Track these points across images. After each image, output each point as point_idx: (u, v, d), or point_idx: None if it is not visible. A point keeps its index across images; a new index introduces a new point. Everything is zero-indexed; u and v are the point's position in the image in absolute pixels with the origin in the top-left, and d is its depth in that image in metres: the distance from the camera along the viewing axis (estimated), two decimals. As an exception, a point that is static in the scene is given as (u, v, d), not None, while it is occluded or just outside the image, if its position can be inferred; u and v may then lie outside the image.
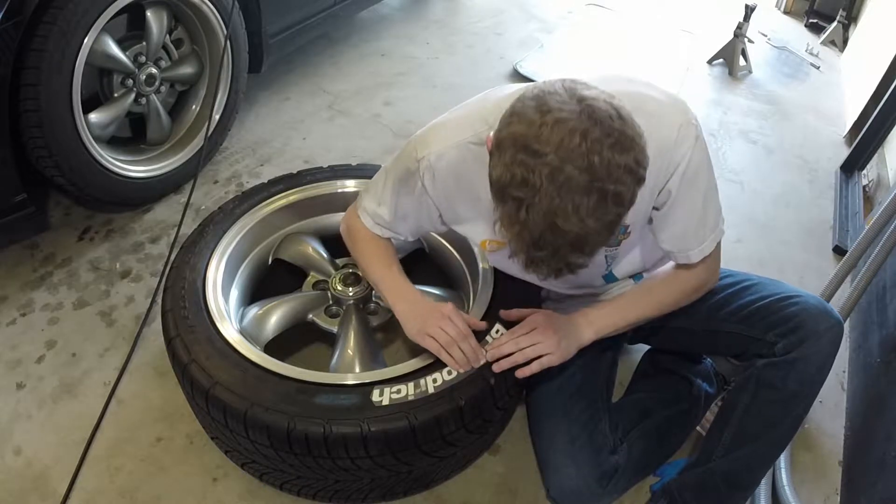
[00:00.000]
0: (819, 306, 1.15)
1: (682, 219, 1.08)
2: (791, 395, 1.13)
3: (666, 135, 0.98)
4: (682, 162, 1.00)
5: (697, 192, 1.05)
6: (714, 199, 1.09)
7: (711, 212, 1.09)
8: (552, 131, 0.79)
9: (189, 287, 1.27)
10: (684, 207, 1.06)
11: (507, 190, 0.82)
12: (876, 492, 1.27)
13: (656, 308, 1.20)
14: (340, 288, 1.42)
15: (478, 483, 1.35)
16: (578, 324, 1.17)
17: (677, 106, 1.02)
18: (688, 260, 1.13)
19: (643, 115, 0.98)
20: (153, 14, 1.78)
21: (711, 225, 1.10)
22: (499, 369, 1.13)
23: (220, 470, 1.33)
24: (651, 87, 1.04)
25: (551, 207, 0.79)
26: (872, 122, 2.41)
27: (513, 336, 1.15)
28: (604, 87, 1.02)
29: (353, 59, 2.93)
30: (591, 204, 0.79)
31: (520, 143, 0.80)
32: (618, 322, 1.19)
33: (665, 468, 1.36)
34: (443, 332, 1.13)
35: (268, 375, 1.11)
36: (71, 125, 1.59)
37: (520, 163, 0.80)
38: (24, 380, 1.47)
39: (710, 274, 1.19)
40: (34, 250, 1.79)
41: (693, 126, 1.00)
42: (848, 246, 2.06)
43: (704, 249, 1.11)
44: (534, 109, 0.81)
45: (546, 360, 1.12)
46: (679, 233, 1.10)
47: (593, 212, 0.80)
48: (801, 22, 4.02)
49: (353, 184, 1.60)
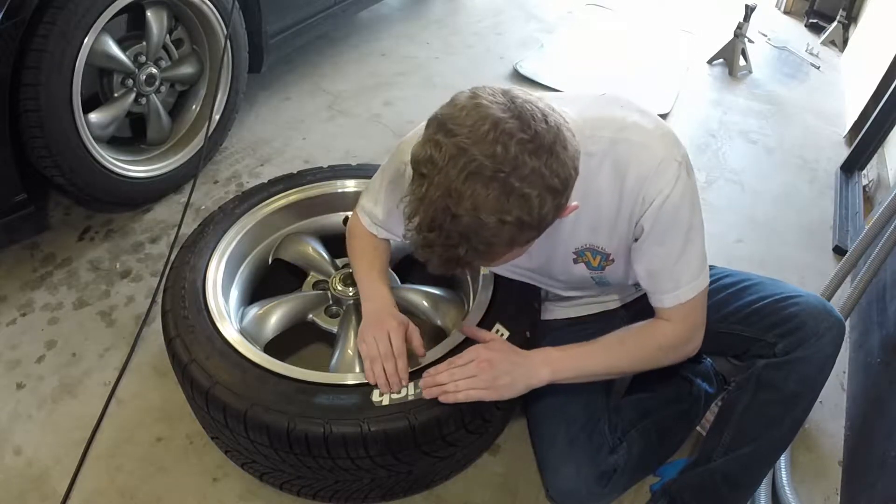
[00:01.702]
0: (820, 306, 1.14)
1: (657, 256, 1.04)
2: (792, 396, 1.13)
3: (645, 166, 0.97)
4: (657, 197, 0.97)
5: (676, 231, 1.01)
6: (697, 245, 1.04)
7: (692, 257, 1.04)
8: (468, 115, 0.81)
9: (189, 287, 1.27)
10: (661, 246, 1.03)
11: (417, 166, 0.83)
12: (876, 492, 1.27)
13: (626, 362, 1.13)
14: (340, 288, 1.42)
15: (478, 483, 1.35)
16: (533, 363, 1.10)
17: (665, 140, 0.99)
18: (661, 304, 1.09)
19: (625, 144, 0.98)
20: (153, 14, 1.78)
21: (692, 272, 1.05)
22: (429, 395, 1.07)
23: (220, 470, 1.33)
24: (644, 116, 1.02)
25: (448, 187, 0.79)
26: (872, 122, 2.41)
27: (450, 366, 1.09)
28: (592, 110, 1.02)
29: (353, 59, 2.93)
30: (490, 195, 0.78)
31: (439, 123, 0.82)
32: (579, 369, 1.12)
33: (665, 468, 1.36)
34: (375, 344, 1.10)
35: (268, 375, 1.11)
36: (71, 125, 1.59)
37: (433, 141, 0.81)
38: (24, 380, 1.47)
39: (690, 333, 1.11)
40: (34, 250, 1.79)
41: (675, 163, 0.97)
42: (848, 246, 2.06)
43: (680, 296, 1.06)
44: (466, 97, 0.84)
45: (475, 395, 1.06)
46: (653, 270, 1.06)
47: (490, 204, 0.79)
48: (801, 22, 4.03)
49: (353, 184, 1.60)
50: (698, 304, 1.09)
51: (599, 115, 1.02)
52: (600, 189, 1.02)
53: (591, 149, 0.99)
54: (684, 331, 1.11)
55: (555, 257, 1.17)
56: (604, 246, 1.11)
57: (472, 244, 0.82)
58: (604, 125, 1.00)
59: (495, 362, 1.08)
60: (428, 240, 0.84)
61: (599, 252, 1.12)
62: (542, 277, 1.28)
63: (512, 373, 1.08)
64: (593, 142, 0.99)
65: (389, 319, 1.14)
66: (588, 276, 1.20)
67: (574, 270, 1.18)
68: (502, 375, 1.07)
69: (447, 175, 0.79)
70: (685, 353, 1.14)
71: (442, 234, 0.82)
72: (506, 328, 1.22)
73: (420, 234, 0.84)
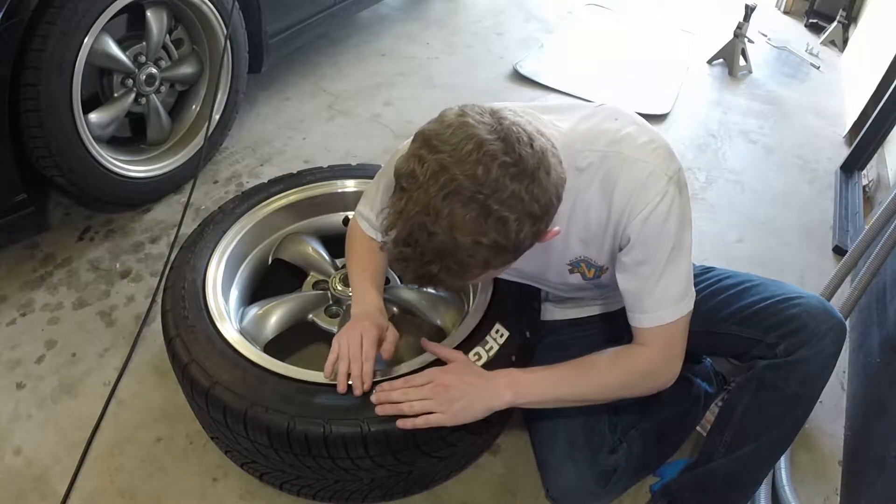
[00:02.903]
0: (821, 307, 1.14)
1: (639, 272, 1.01)
2: (792, 396, 1.13)
3: (634, 178, 0.96)
4: (645, 208, 0.95)
5: (660, 247, 0.98)
6: (682, 266, 1.01)
7: (676, 277, 1.00)
8: (454, 134, 0.81)
9: (189, 287, 1.27)
10: (643, 261, 1.00)
11: (399, 179, 0.83)
12: (876, 492, 1.27)
13: (597, 389, 1.07)
14: (340, 288, 1.42)
15: (478, 483, 1.35)
16: (494, 385, 1.05)
17: (657, 153, 0.98)
18: (639, 324, 1.05)
19: (617, 157, 0.98)
20: (153, 14, 1.78)
21: (674, 294, 1.01)
22: (381, 412, 1.03)
23: (220, 470, 1.33)
24: (640, 129, 1.01)
25: (427, 204, 0.79)
26: (872, 122, 2.41)
27: (406, 384, 1.06)
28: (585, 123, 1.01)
29: (353, 59, 2.93)
30: (467, 216, 0.78)
31: (425, 138, 0.83)
32: (545, 394, 1.06)
33: (665, 468, 1.36)
34: (346, 343, 1.09)
35: (268, 375, 1.11)
36: (71, 125, 1.59)
37: (417, 156, 0.82)
38: (24, 380, 1.47)
39: (666, 362, 1.06)
40: (34, 250, 1.79)
41: (665, 177, 0.96)
42: (848, 246, 2.06)
43: (661, 317, 1.02)
44: (454, 114, 0.84)
45: (433, 419, 1.02)
46: (634, 287, 1.03)
47: (467, 225, 0.78)
48: (801, 22, 4.03)
49: (353, 184, 1.60)
50: (678, 330, 1.04)
51: (593, 127, 1.01)
52: (590, 203, 1.01)
53: (582, 164, 0.99)
54: (662, 359, 1.06)
55: (549, 269, 1.18)
56: (595, 259, 1.11)
57: (446, 263, 0.82)
58: (596, 138, 0.99)
59: (452, 386, 1.04)
60: (403, 254, 0.84)
61: (593, 265, 1.12)
62: (541, 283, 1.29)
63: (468, 396, 1.03)
64: (584, 156, 0.98)
65: (366, 322, 1.12)
66: (585, 285, 1.20)
67: (570, 279, 1.19)
68: (459, 399, 1.03)
69: (427, 192, 0.79)
70: (659, 383, 1.08)
71: (417, 249, 0.82)
72: (505, 328, 1.22)
73: (396, 247, 0.85)
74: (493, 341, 1.19)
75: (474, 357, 1.16)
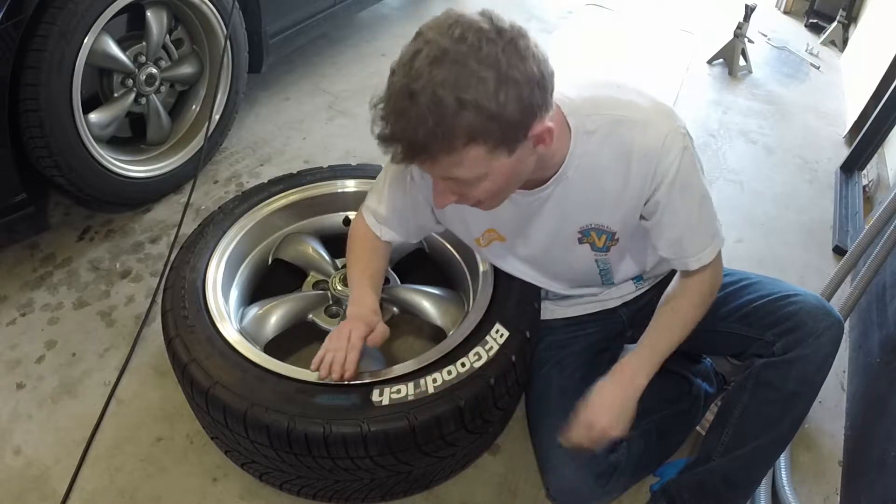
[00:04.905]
0: (818, 305, 1.15)
1: (677, 225, 1.07)
2: (790, 395, 1.13)
3: (652, 142, 0.99)
4: (669, 170, 1.00)
5: (691, 200, 1.04)
6: (708, 208, 1.08)
7: (707, 218, 1.08)
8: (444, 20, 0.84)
9: (189, 287, 1.27)
10: (678, 216, 1.06)
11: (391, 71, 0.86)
12: (876, 492, 1.27)
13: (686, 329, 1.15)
14: (340, 288, 1.42)
15: (478, 483, 1.35)
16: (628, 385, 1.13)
17: (664, 113, 1.02)
18: (686, 267, 1.12)
19: (629, 123, 1.00)
20: (153, 14, 1.78)
21: (711, 232, 1.09)
22: None
23: (220, 470, 1.33)
24: (640, 95, 1.04)
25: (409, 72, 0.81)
26: (872, 122, 2.41)
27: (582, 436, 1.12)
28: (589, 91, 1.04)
29: (353, 59, 2.93)
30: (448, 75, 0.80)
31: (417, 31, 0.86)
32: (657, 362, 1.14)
33: (664, 468, 1.36)
34: (336, 338, 1.14)
35: (268, 375, 1.11)
36: (71, 125, 1.59)
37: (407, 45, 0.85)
38: (24, 380, 1.47)
39: (717, 275, 1.17)
40: (34, 250, 1.79)
41: (681, 135, 1.00)
42: (848, 246, 2.06)
43: (703, 258, 1.10)
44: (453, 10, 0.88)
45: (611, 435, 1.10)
46: (675, 238, 1.09)
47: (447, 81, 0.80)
48: (801, 22, 4.02)
49: (353, 184, 1.60)
50: (719, 257, 1.14)
51: (597, 94, 1.05)
52: (603, 168, 1.03)
53: (591, 127, 1.01)
54: (716, 276, 1.15)
55: (559, 238, 1.17)
56: (609, 224, 1.12)
57: (430, 127, 0.82)
58: (601, 104, 1.03)
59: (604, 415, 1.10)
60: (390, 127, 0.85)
61: (605, 231, 1.13)
62: (544, 273, 1.28)
63: (624, 410, 1.11)
64: (592, 120, 1.01)
65: (357, 321, 1.16)
66: (592, 261, 1.20)
67: (578, 253, 1.18)
68: (619, 414, 1.10)
69: (411, 65, 0.82)
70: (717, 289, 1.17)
71: (402, 118, 0.83)
72: (505, 328, 1.22)
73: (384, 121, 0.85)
74: (493, 341, 1.20)
75: (474, 357, 1.16)
